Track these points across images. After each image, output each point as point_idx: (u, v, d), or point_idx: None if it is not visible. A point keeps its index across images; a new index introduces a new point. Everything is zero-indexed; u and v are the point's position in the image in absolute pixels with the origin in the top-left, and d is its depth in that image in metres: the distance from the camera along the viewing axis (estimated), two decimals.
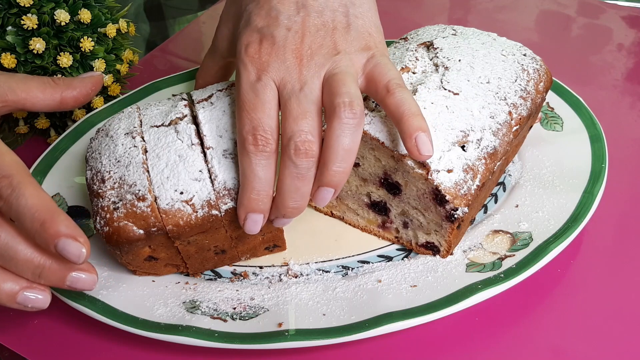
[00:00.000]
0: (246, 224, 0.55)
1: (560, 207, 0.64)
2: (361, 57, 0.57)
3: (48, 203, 0.49)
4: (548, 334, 0.58)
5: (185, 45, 1.04)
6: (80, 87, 0.64)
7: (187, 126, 0.61)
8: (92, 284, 0.53)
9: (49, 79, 0.61)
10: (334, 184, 0.54)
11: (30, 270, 0.51)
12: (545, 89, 0.71)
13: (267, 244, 0.64)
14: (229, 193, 0.56)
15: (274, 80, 0.55)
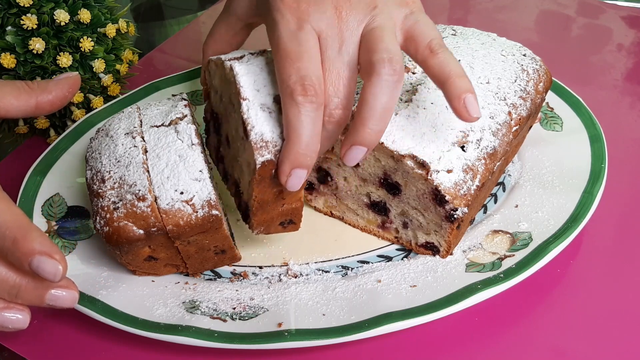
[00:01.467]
0: (290, 180, 0.51)
1: (560, 207, 0.64)
2: (399, 12, 0.54)
3: (20, 219, 0.47)
4: (548, 334, 0.58)
5: (185, 45, 1.04)
6: (56, 90, 0.59)
7: (187, 126, 0.61)
8: (73, 301, 0.51)
9: (22, 84, 0.57)
10: (368, 143, 0.51)
11: (6, 290, 0.48)
12: (545, 89, 0.71)
13: (284, 217, 0.59)
14: (266, 145, 0.52)
15: (315, 30, 0.52)
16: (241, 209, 0.61)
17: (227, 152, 0.62)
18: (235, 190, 0.62)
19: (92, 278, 0.62)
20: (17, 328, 0.50)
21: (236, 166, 0.60)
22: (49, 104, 0.58)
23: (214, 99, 0.62)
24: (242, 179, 0.58)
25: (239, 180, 0.59)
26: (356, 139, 0.52)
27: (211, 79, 0.61)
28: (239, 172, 0.59)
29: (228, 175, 0.64)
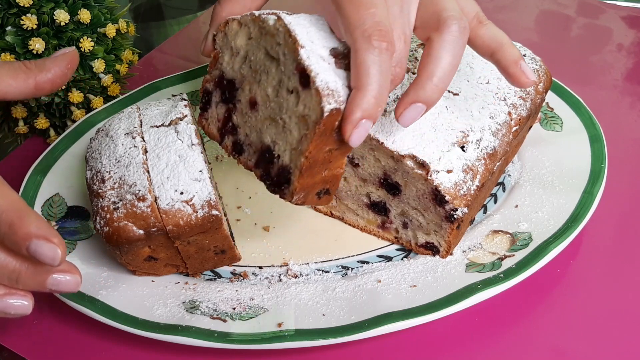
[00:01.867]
0: (356, 132, 0.48)
1: (559, 207, 0.64)
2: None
3: (16, 202, 0.45)
4: (548, 334, 0.58)
5: (185, 46, 1.04)
6: (54, 68, 0.56)
7: (187, 126, 0.61)
8: (76, 285, 0.48)
9: (20, 64, 0.54)
10: (430, 100, 0.51)
11: (7, 276, 0.47)
12: (544, 89, 0.71)
13: (323, 185, 0.56)
14: (332, 94, 0.48)
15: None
16: (270, 178, 0.55)
17: (247, 119, 0.57)
18: (261, 158, 0.56)
19: (92, 278, 0.62)
20: (21, 314, 0.49)
21: (269, 129, 0.55)
22: (49, 83, 0.56)
23: (229, 64, 0.57)
24: (281, 140, 0.54)
25: (274, 143, 0.54)
26: (420, 94, 0.50)
27: (228, 41, 0.56)
28: (274, 134, 0.54)
29: (245, 146, 0.57)
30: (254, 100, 0.55)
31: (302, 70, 0.49)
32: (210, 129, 0.60)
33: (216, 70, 0.58)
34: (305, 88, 0.50)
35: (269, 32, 0.52)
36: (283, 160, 0.53)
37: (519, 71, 0.54)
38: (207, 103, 0.60)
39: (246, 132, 0.57)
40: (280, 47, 0.51)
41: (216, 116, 0.59)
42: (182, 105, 0.63)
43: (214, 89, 0.59)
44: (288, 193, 0.53)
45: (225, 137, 0.59)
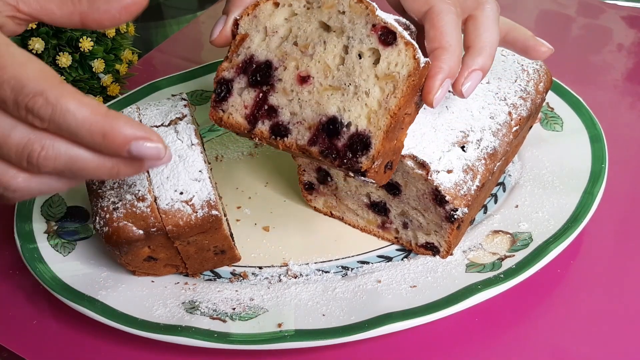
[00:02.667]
0: (440, 91, 0.51)
1: (560, 207, 0.64)
2: None
3: (99, 110, 0.42)
4: (548, 334, 0.58)
5: (184, 45, 1.04)
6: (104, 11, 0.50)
7: (187, 126, 0.61)
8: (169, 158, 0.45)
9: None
10: (485, 67, 0.54)
11: (107, 172, 0.45)
12: (545, 89, 0.71)
13: (391, 156, 0.55)
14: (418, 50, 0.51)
15: None
16: (337, 151, 0.52)
17: (295, 96, 0.54)
18: (321, 133, 0.53)
19: (91, 278, 0.62)
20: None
21: (332, 99, 0.52)
22: (95, 22, 0.52)
23: (261, 46, 0.54)
24: (354, 106, 0.52)
25: (342, 111, 0.52)
26: (478, 61, 0.54)
27: (260, 23, 0.55)
28: (340, 102, 0.52)
29: (292, 125, 0.54)
30: (305, 75, 0.53)
31: (384, 29, 0.50)
32: (232, 119, 0.56)
33: (239, 56, 0.55)
34: (388, 46, 0.50)
35: (324, 4, 0.53)
36: (358, 126, 0.51)
37: (538, 42, 0.58)
38: (225, 92, 0.56)
39: (293, 111, 0.54)
40: (346, 14, 0.52)
41: (242, 103, 0.55)
42: (182, 105, 0.63)
43: (236, 75, 0.55)
44: (366, 161, 0.51)
45: (259, 122, 0.55)
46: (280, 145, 0.54)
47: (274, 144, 0.54)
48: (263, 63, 0.54)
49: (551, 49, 0.60)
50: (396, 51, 0.50)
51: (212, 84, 0.57)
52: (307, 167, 0.69)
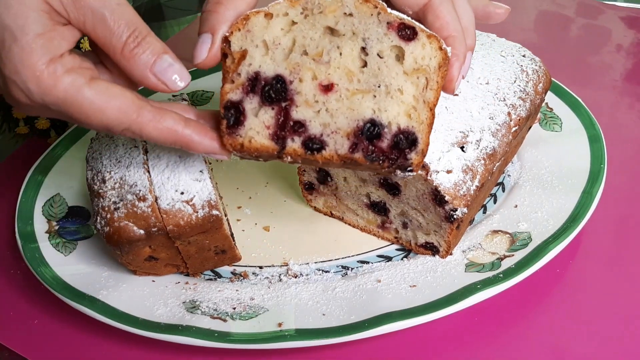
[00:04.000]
0: (458, 80, 0.53)
1: (559, 207, 0.65)
2: None
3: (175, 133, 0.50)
4: (547, 334, 0.58)
5: (185, 46, 1.04)
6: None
7: None
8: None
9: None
10: (473, 46, 0.56)
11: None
12: (544, 90, 0.71)
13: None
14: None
15: None
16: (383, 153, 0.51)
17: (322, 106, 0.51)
18: (361, 138, 0.51)
19: (92, 278, 0.62)
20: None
21: (364, 102, 0.51)
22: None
23: (264, 61, 0.51)
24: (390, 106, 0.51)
25: (379, 113, 0.51)
26: (469, 42, 0.55)
27: (255, 37, 0.51)
28: (374, 103, 0.51)
29: (327, 137, 0.51)
30: (328, 84, 0.51)
31: (402, 25, 0.49)
32: (256, 142, 0.52)
33: (242, 75, 0.51)
34: (410, 40, 0.50)
35: (327, 7, 0.50)
36: (399, 124, 0.50)
37: (496, 6, 0.64)
38: (237, 116, 0.51)
39: (324, 122, 0.51)
40: (355, 16, 0.50)
41: (261, 124, 0.51)
42: None
43: (245, 96, 0.51)
44: (416, 156, 0.50)
45: (287, 140, 0.52)
46: (319, 159, 0.52)
47: (311, 160, 0.52)
48: (273, 78, 0.51)
49: (508, 9, 0.63)
50: (420, 45, 0.50)
51: (212, 85, 0.56)
52: (307, 167, 0.70)
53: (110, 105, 0.47)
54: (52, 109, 0.47)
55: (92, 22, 0.47)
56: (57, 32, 0.47)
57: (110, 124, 0.48)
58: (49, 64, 0.46)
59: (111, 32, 0.47)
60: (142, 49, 0.48)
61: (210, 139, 0.51)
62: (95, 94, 0.47)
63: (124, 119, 0.47)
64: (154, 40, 0.49)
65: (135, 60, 0.48)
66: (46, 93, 0.46)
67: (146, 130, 0.48)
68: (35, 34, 0.45)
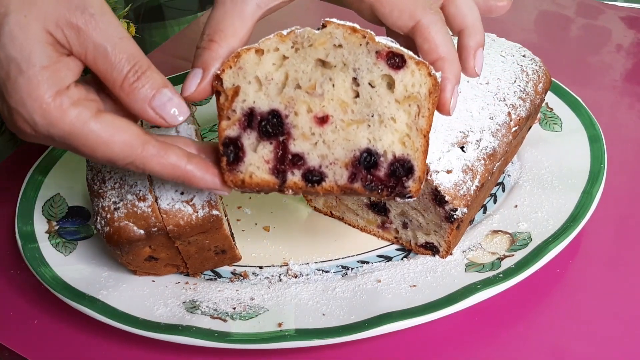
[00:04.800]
0: (453, 103, 0.52)
1: (559, 207, 0.65)
2: None
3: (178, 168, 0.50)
4: (547, 334, 0.58)
5: (185, 46, 1.04)
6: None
7: (188, 127, 0.61)
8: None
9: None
10: (483, 42, 0.56)
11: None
12: (544, 90, 0.71)
13: None
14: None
15: None
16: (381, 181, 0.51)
17: (320, 138, 0.52)
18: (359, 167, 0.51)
19: (92, 278, 0.62)
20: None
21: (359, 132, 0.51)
22: None
23: (258, 96, 0.51)
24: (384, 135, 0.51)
25: (374, 142, 0.51)
26: (479, 39, 0.55)
27: (248, 74, 0.51)
28: (369, 133, 0.51)
29: (326, 168, 0.52)
30: (322, 116, 0.51)
31: (391, 54, 0.49)
32: (256, 177, 0.52)
33: (236, 111, 0.51)
34: (400, 68, 0.50)
35: (317, 40, 0.50)
36: (394, 152, 0.51)
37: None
38: (236, 153, 0.52)
39: (322, 153, 0.52)
40: (344, 47, 0.50)
41: (261, 158, 0.52)
42: None
43: (242, 132, 0.52)
44: (414, 184, 0.51)
45: (288, 174, 0.52)
46: (320, 191, 0.52)
47: (312, 192, 0.52)
48: (269, 113, 0.51)
49: (509, 0, 0.63)
50: (409, 72, 0.49)
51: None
52: None
53: (116, 139, 0.47)
54: (57, 140, 0.47)
55: (93, 54, 0.47)
56: (63, 64, 0.47)
57: (115, 157, 0.48)
58: (56, 97, 0.45)
59: (112, 65, 0.47)
60: (142, 83, 0.48)
61: (212, 175, 0.51)
62: (101, 128, 0.47)
63: (129, 153, 0.48)
64: (154, 74, 0.49)
65: (135, 94, 0.48)
66: (52, 125, 0.46)
67: (150, 165, 0.49)
68: (41, 66, 0.45)
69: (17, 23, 0.45)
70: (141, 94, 0.48)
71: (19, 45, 0.45)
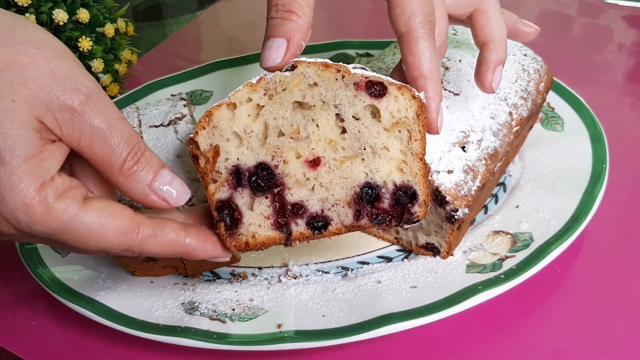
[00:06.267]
0: (440, 122, 0.51)
1: (560, 207, 0.64)
2: None
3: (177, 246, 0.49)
4: (549, 335, 0.58)
5: (184, 45, 1.04)
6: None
7: (187, 126, 0.60)
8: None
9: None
10: (504, 59, 0.57)
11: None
12: (545, 89, 0.71)
13: None
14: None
15: None
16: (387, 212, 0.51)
17: (316, 182, 0.50)
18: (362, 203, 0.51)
19: (90, 279, 0.62)
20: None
21: (354, 167, 0.50)
22: None
23: (241, 151, 0.50)
24: (380, 166, 0.50)
25: (372, 174, 0.50)
26: (501, 55, 0.57)
27: (224, 131, 0.49)
28: (365, 166, 0.50)
29: (329, 211, 0.51)
30: (313, 159, 0.50)
31: (370, 83, 0.48)
32: (260, 237, 0.51)
33: (221, 172, 0.50)
34: (382, 96, 0.48)
35: (290, 83, 0.48)
36: (394, 181, 0.50)
37: (526, 24, 0.64)
38: (232, 215, 0.50)
39: (321, 197, 0.50)
40: (320, 85, 0.48)
41: (260, 216, 0.50)
42: (181, 105, 0.63)
43: (233, 192, 0.50)
44: (420, 208, 0.50)
45: (292, 226, 0.51)
46: (328, 235, 0.51)
47: (320, 237, 0.51)
48: (256, 167, 0.50)
49: (537, 29, 0.64)
50: (392, 99, 0.48)
51: (211, 84, 0.55)
52: None
53: (108, 229, 0.45)
54: (39, 237, 0.44)
55: (89, 139, 0.43)
56: (48, 152, 0.43)
57: (110, 247, 0.45)
58: (40, 191, 0.42)
59: (111, 149, 0.44)
60: (142, 166, 0.46)
61: (212, 243, 0.50)
62: (92, 218, 0.44)
63: (123, 240, 0.45)
64: (152, 156, 0.47)
65: (135, 178, 0.46)
66: (37, 222, 0.42)
67: (148, 247, 0.47)
68: (25, 156, 0.41)
69: (3, 109, 0.41)
70: (141, 178, 0.46)
71: (3, 134, 0.41)
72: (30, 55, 0.42)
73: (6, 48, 0.42)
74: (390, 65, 0.69)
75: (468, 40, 0.71)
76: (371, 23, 1.09)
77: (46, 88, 0.42)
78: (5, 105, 0.41)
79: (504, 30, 0.58)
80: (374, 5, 0.55)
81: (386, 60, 0.71)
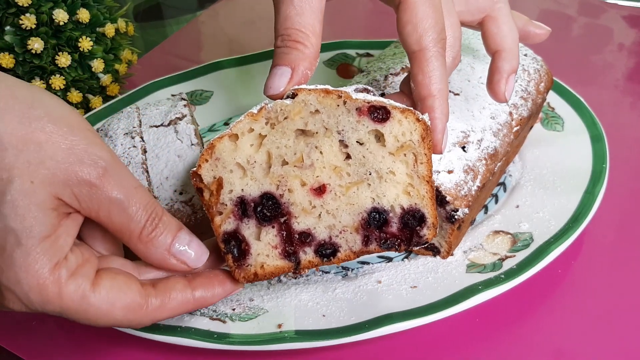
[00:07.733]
0: (444, 142, 0.50)
1: (561, 207, 0.64)
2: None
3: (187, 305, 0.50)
4: (549, 335, 0.58)
5: (184, 45, 1.04)
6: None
7: (187, 126, 0.60)
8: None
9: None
10: (517, 67, 0.57)
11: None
12: (545, 89, 0.71)
13: None
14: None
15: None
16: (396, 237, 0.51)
17: (322, 210, 0.50)
18: (370, 228, 0.51)
19: None
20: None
21: (360, 193, 0.50)
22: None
23: (245, 182, 0.50)
24: (387, 190, 0.50)
25: (379, 199, 0.50)
26: (514, 64, 0.56)
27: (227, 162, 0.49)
28: (371, 192, 0.50)
29: (337, 238, 0.51)
30: (319, 186, 0.50)
31: (372, 108, 0.48)
32: (269, 267, 0.51)
33: (226, 203, 0.50)
34: (385, 121, 0.48)
35: (291, 111, 0.48)
36: (401, 205, 0.50)
37: (537, 26, 0.63)
38: (240, 246, 0.51)
39: (329, 224, 0.51)
40: (322, 112, 0.48)
41: (268, 246, 0.50)
42: (182, 105, 0.63)
43: (239, 223, 0.50)
44: (429, 232, 0.50)
45: (300, 254, 0.51)
46: (336, 262, 0.51)
47: (329, 264, 0.52)
48: (261, 197, 0.50)
49: (549, 30, 0.63)
50: (396, 122, 0.48)
51: (212, 84, 0.55)
52: None
53: (117, 307, 0.45)
54: (51, 314, 0.45)
55: (107, 209, 0.44)
56: (63, 229, 0.43)
57: (119, 323, 0.46)
58: (54, 270, 0.42)
59: (130, 217, 0.45)
60: (160, 231, 0.47)
61: (221, 285, 0.50)
62: (100, 299, 0.44)
63: (131, 316, 0.46)
64: (170, 219, 0.48)
65: (154, 243, 0.47)
66: (49, 302, 0.43)
67: (159, 317, 0.48)
68: (41, 237, 0.42)
69: (21, 192, 0.41)
70: (160, 242, 0.47)
71: (21, 216, 0.41)
72: (47, 131, 0.42)
73: (24, 126, 0.42)
74: (391, 65, 0.69)
75: (468, 40, 0.71)
76: (371, 23, 1.09)
77: (64, 165, 0.42)
78: (24, 186, 0.41)
79: (516, 37, 0.57)
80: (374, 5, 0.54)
81: (386, 60, 0.71)
